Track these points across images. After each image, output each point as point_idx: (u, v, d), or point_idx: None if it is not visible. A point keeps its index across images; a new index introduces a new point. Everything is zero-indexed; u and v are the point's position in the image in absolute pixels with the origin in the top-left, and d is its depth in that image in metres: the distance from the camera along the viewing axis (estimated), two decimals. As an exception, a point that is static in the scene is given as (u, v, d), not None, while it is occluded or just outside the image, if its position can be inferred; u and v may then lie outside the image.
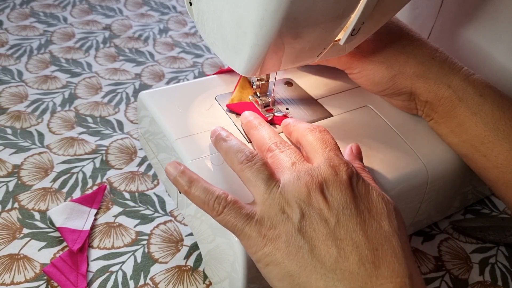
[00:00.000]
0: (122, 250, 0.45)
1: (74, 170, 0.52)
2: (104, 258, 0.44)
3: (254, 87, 0.44)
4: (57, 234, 0.45)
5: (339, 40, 0.35)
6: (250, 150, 0.34)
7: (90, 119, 0.59)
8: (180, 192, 0.35)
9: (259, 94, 0.44)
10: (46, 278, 0.42)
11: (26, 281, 0.41)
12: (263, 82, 0.43)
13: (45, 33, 0.74)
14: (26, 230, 0.45)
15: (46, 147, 0.54)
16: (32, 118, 0.58)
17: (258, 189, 0.32)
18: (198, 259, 0.45)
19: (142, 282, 0.42)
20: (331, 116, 0.44)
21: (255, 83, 0.43)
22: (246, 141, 0.41)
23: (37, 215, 0.47)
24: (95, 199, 0.48)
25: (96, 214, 0.47)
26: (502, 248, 0.48)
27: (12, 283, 0.41)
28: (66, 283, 0.41)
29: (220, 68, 0.57)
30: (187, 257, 0.45)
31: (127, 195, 0.50)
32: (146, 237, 0.46)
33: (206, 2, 0.34)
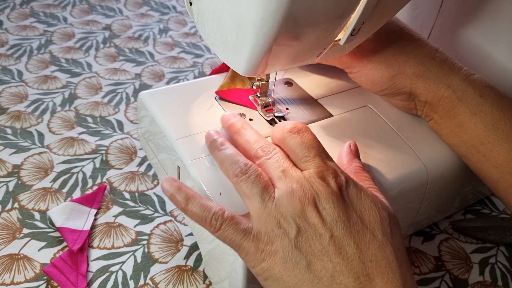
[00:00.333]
0: (122, 250, 0.45)
1: (74, 170, 0.52)
2: (104, 258, 0.44)
3: (254, 87, 0.44)
4: (57, 234, 0.45)
5: (339, 40, 0.35)
6: (245, 161, 0.34)
7: (90, 119, 0.59)
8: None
9: (259, 94, 0.44)
10: (46, 278, 0.42)
11: (26, 281, 0.41)
12: (263, 82, 0.43)
13: (45, 33, 0.74)
14: (26, 230, 0.45)
15: (46, 147, 0.54)
16: (32, 118, 0.58)
17: (253, 203, 0.32)
18: (198, 259, 0.45)
19: (142, 282, 0.42)
20: (331, 116, 0.44)
21: (255, 83, 0.43)
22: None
23: (37, 215, 0.47)
24: (95, 199, 0.48)
25: (96, 214, 0.47)
26: (502, 248, 0.48)
27: (12, 283, 0.41)
28: (66, 283, 0.41)
29: (212, 69, 0.57)
30: (187, 257, 0.45)
31: (127, 195, 0.50)
32: (146, 237, 0.46)
33: (206, 2, 0.34)
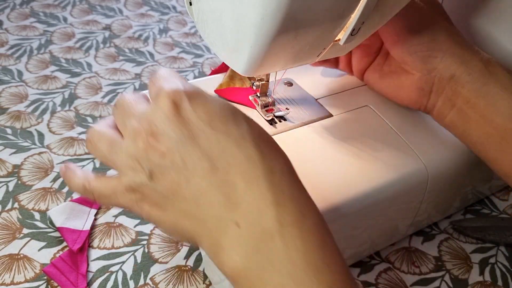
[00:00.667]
0: (122, 250, 0.45)
1: (74, 170, 0.52)
2: (104, 258, 0.44)
3: (254, 87, 0.44)
4: (57, 234, 0.45)
5: (339, 40, 0.35)
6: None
7: (90, 119, 0.59)
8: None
9: (259, 94, 0.44)
10: (46, 278, 0.42)
11: (26, 281, 0.41)
12: (263, 82, 0.43)
13: (45, 33, 0.74)
14: (26, 230, 0.45)
15: (46, 147, 0.54)
16: (32, 118, 0.58)
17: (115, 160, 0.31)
18: (198, 259, 0.45)
19: (142, 282, 0.42)
20: (331, 116, 0.44)
21: (255, 83, 0.43)
22: None
23: (37, 215, 0.47)
24: (95, 199, 0.48)
25: (96, 214, 0.47)
26: (502, 248, 0.48)
27: (12, 283, 0.41)
28: (66, 283, 0.41)
29: (211, 69, 0.57)
30: (187, 257, 0.45)
31: (127, 195, 0.50)
32: (146, 237, 0.46)
33: (206, 2, 0.34)
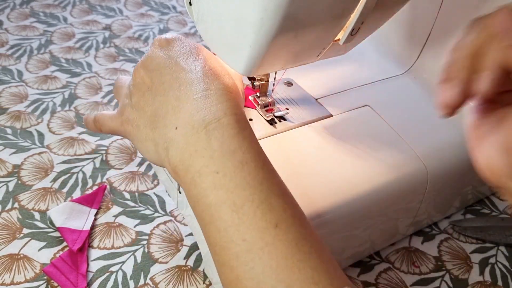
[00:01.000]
0: (122, 250, 0.45)
1: (74, 170, 0.52)
2: (104, 258, 0.44)
3: (254, 87, 0.44)
4: (57, 234, 0.45)
5: (339, 40, 0.35)
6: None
7: (90, 119, 0.59)
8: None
9: (259, 94, 0.44)
10: (46, 278, 0.42)
11: (26, 281, 0.41)
12: (263, 82, 0.43)
13: (45, 33, 0.74)
14: (26, 230, 0.45)
15: (46, 147, 0.54)
16: (32, 118, 0.58)
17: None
18: (198, 259, 0.45)
19: (142, 282, 0.42)
20: (331, 116, 0.44)
21: (255, 83, 0.43)
22: None
23: (37, 215, 0.47)
24: (95, 199, 0.48)
25: (96, 214, 0.47)
26: (502, 248, 0.48)
27: (12, 283, 0.41)
28: (66, 283, 0.41)
29: None
30: (187, 257, 0.45)
31: (127, 195, 0.50)
32: (146, 237, 0.46)
33: (206, 2, 0.34)
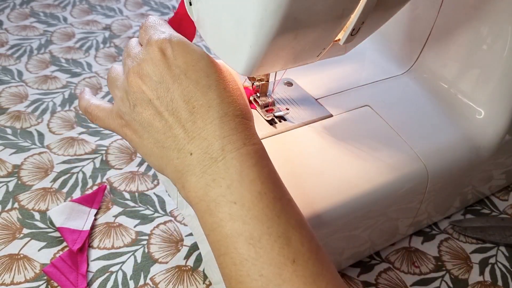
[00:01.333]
0: (122, 250, 0.45)
1: (74, 170, 0.52)
2: (104, 258, 0.44)
3: (254, 87, 0.44)
4: (57, 234, 0.45)
5: (339, 40, 0.35)
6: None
7: (90, 119, 0.59)
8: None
9: (259, 94, 0.44)
10: (46, 278, 0.42)
11: (26, 281, 0.41)
12: (263, 82, 0.43)
13: (45, 33, 0.74)
14: (26, 230, 0.45)
15: (46, 147, 0.54)
16: (32, 118, 0.58)
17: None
18: (198, 259, 0.45)
19: (142, 282, 0.42)
20: (331, 116, 0.44)
21: (255, 83, 0.43)
22: None
23: (37, 215, 0.47)
24: (95, 199, 0.48)
25: (96, 214, 0.47)
26: (502, 248, 0.48)
27: (12, 283, 0.41)
28: (66, 283, 0.41)
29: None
30: (187, 257, 0.45)
31: (127, 195, 0.50)
32: (146, 237, 0.46)
33: (206, 2, 0.34)
